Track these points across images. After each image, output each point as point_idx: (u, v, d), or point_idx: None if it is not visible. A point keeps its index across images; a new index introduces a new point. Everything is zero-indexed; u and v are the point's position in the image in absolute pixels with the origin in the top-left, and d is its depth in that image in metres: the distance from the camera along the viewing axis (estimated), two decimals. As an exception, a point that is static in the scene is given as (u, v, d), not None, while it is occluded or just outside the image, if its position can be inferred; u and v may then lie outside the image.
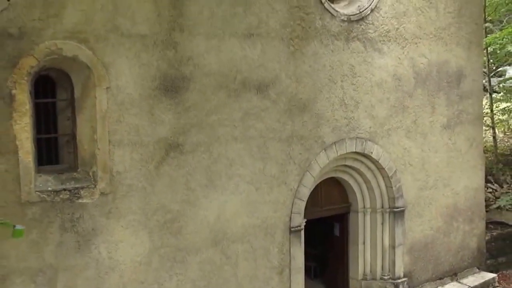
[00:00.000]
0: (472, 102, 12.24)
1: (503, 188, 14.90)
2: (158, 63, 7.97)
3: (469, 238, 12.55)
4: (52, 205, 7.25)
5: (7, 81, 6.81)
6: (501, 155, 15.95)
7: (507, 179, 15.12)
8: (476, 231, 12.68)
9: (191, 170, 8.39)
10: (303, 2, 9.44)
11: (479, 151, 12.56)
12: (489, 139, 16.55)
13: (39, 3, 6.98)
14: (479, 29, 12.45)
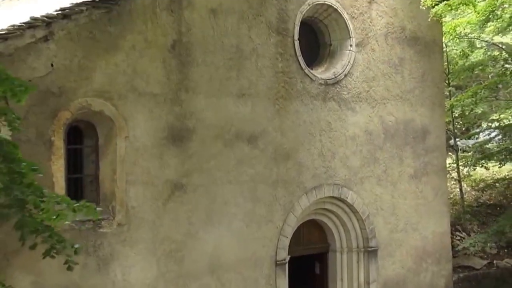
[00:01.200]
0: (437, 155, 14.25)
1: (470, 236, 16.77)
2: (167, 117, 9.92)
3: (437, 279, 14.28)
4: (79, 233, 8.99)
5: (48, 130, 8.68)
6: (468, 206, 17.89)
7: (473, 228, 17.01)
8: (444, 272, 14.43)
9: (192, 207, 10.20)
10: (286, 68, 11.53)
11: (444, 200, 14.48)
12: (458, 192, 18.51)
13: (74, 68, 8.93)
14: (441, 92, 14.63)
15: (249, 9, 11.05)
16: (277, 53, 11.41)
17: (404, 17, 13.61)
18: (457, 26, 14.81)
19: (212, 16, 10.52)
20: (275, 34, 11.38)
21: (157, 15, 9.85)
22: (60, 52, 8.80)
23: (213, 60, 10.52)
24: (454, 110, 18.10)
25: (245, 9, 11.00)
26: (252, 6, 11.08)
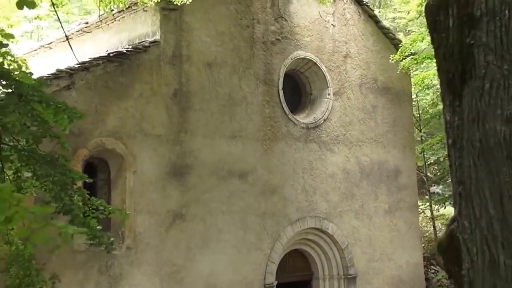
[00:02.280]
0: (409, 193, 15.62)
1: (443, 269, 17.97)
2: (169, 155, 11.29)
3: (412, 306, 15.44)
4: (93, 254, 10.21)
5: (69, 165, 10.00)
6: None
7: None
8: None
9: (191, 234, 11.45)
10: (272, 114, 13.00)
11: (416, 233, 15.78)
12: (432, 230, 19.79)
13: (92, 112, 10.33)
14: (411, 136, 16.13)
15: (240, 63, 12.58)
16: (264, 100, 12.90)
17: (376, 69, 15.21)
18: (425, 78, 16.43)
19: (207, 69, 12.04)
20: (262, 84, 12.90)
21: (161, 68, 11.35)
22: (80, 98, 10.22)
23: (208, 107, 11.98)
24: (427, 155, 19.57)
25: (236, 63, 12.53)
26: (242, 60, 12.62)
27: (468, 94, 3.96)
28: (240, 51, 12.60)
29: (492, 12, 3.80)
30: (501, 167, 3.78)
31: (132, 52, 10.93)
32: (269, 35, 13.12)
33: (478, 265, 3.96)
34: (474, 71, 3.88)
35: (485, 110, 3.82)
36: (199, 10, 11.95)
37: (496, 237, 3.82)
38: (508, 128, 3.77)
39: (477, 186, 3.93)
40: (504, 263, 3.77)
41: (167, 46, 11.46)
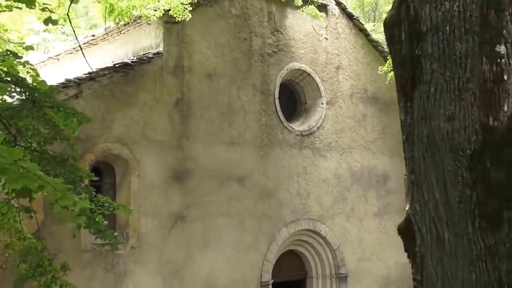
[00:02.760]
0: (397, 197, 16.07)
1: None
2: (171, 160, 11.71)
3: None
4: (99, 253, 10.62)
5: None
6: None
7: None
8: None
9: (191, 235, 11.86)
10: (269, 122, 13.45)
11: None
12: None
13: (98, 119, 10.76)
14: (399, 143, 16.55)
15: (238, 74, 13.04)
16: (261, 109, 13.35)
17: (366, 80, 15.69)
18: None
19: (208, 79, 12.49)
20: (259, 94, 13.35)
21: (164, 78, 11.80)
22: (87, 106, 10.63)
23: (208, 115, 12.42)
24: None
25: (234, 74, 12.99)
26: (240, 71, 13.08)
27: (418, 97, 4.48)
28: (239, 62, 13.06)
29: (436, 28, 4.33)
30: (445, 158, 4.30)
31: (137, 63, 11.38)
32: (266, 48, 13.59)
33: (427, 242, 4.48)
34: (422, 77, 4.40)
35: (431, 110, 4.34)
36: (200, 23, 12.41)
37: (441, 217, 4.35)
38: (450, 125, 4.30)
39: (425, 175, 4.45)
40: (448, 239, 4.30)
41: (170, 58, 11.91)
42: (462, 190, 4.21)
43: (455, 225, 4.26)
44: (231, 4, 13.00)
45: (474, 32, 4.44)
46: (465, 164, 4.20)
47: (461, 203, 4.23)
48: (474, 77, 4.35)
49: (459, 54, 4.37)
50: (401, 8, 4.68)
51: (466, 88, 4.31)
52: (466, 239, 4.20)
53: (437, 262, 4.45)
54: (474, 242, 4.17)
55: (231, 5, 12.99)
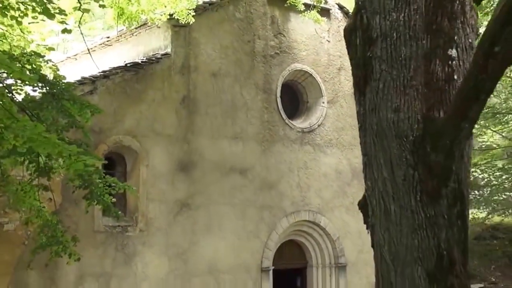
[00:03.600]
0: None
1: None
2: (178, 152, 12.75)
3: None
4: (111, 234, 11.68)
5: (91, 157, 11.51)
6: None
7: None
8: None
9: (195, 221, 12.86)
10: (271, 118, 14.42)
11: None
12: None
13: (111, 114, 11.84)
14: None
15: (242, 73, 14.04)
16: (263, 107, 14.33)
17: (367, 81, 16.53)
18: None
19: (212, 78, 13.52)
20: (262, 93, 14.33)
21: (171, 77, 12.85)
22: (101, 102, 11.70)
23: (213, 111, 13.43)
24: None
25: (238, 73, 13.99)
26: (244, 71, 14.08)
27: (369, 92, 5.46)
28: (242, 63, 14.07)
29: (384, 35, 5.30)
30: (391, 143, 5.26)
31: (146, 62, 12.46)
32: (269, 49, 14.58)
33: (377, 213, 5.43)
34: (373, 76, 5.37)
35: (380, 103, 5.31)
36: (206, 27, 13.46)
37: (389, 192, 5.29)
38: (396, 116, 5.26)
39: (375, 157, 5.41)
40: (394, 211, 5.24)
41: (177, 58, 12.96)
42: (406, 170, 5.18)
43: (400, 199, 5.21)
44: (235, 9, 14.02)
45: (417, 38, 5.42)
46: (408, 148, 5.16)
47: (405, 181, 5.19)
48: (417, 75, 5.33)
49: (404, 57, 5.36)
50: (357, 17, 5.69)
51: (410, 85, 5.29)
52: (410, 211, 5.15)
53: (384, 230, 5.42)
54: (417, 213, 5.12)
55: (235, 9, 14.02)
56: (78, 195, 9.08)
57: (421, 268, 4.92)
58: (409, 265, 4.96)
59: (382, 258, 5.20)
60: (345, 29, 5.77)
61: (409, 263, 4.96)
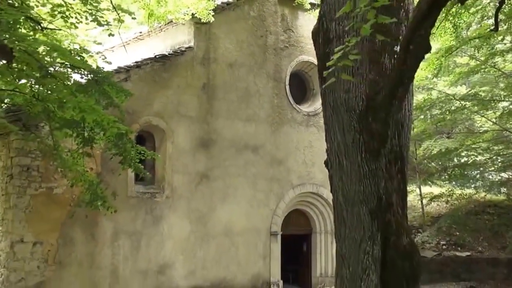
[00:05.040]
0: (393, 170, 18.24)
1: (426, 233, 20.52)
2: (199, 131, 14.35)
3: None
4: (142, 199, 13.36)
5: (125, 134, 13.16)
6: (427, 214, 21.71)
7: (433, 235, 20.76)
8: (399, 255, 18.19)
9: (213, 190, 14.48)
10: (280, 103, 15.92)
11: (399, 202, 18.37)
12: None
13: (142, 98, 13.46)
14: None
15: (255, 64, 15.55)
16: (274, 93, 15.83)
17: (367, 71, 17.92)
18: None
19: (229, 68, 15.06)
20: (272, 81, 15.84)
21: (194, 67, 14.43)
22: (134, 88, 13.30)
23: (229, 97, 14.98)
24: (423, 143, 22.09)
25: (252, 64, 15.51)
26: (257, 62, 15.59)
27: (327, 77, 6.90)
28: (255, 55, 15.58)
29: (338, 36, 6.78)
30: (343, 115, 6.76)
31: (173, 54, 14.05)
32: (279, 43, 16.06)
33: (333, 166, 6.95)
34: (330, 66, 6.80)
35: (334, 86, 6.80)
36: (224, 24, 14.98)
37: (342, 151, 6.81)
38: (346, 95, 6.76)
39: (332, 125, 6.93)
40: (345, 164, 6.75)
41: (199, 51, 14.52)
42: (354, 135, 6.68)
43: (350, 156, 6.73)
44: (250, 8, 15.51)
45: (363, 39, 6.87)
46: (355, 119, 6.67)
47: (353, 143, 6.71)
48: (363, 66, 6.79)
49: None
50: (319, 23, 7.19)
51: (357, 73, 6.78)
52: (357, 165, 6.67)
53: (339, 179, 6.95)
54: (362, 167, 6.63)
55: (250, 9, 15.51)
56: (114, 165, 10.72)
57: (365, 207, 6.42)
58: (356, 205, 6.47)
59: (337, 200, 6.72)
60: (312, 32, 7.26)
61: (356, 204, 6.47)
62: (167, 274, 13.55)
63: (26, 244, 11.72)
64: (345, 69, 6.74)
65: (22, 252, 11.66)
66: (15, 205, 11.66)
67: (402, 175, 6.76)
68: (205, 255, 14.23)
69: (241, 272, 14.79)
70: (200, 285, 14.02)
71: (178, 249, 13.80)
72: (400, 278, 6.49)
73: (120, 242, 12.98)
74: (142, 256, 13.23)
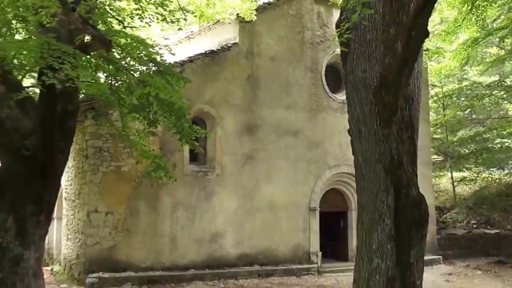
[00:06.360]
0: (423, 152, 19.25)
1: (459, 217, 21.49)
2: (244, 118, 15.84)
3: (425, 236, 19.11)
4: (196, 177, 14.95)
5: (181, 120, 14.76)
6: (458, 195, 22.61)
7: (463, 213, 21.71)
8: (430, 231, 19.13)
9: (258, 169, 15.95)
10: (317, 92, 17.26)
11: (429, 183, 19.44)
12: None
13: (195, 88, 15.00)
14: (426, 111, 19.76)
15: (294, 57, 16.95)
16: (311, 83, 17.19)
17: (398, 62, 19.05)
18: (442, 69, 20.08)
19: (271, 61, 16.50)
20: (310, 72, 17.20)
21: (239, 60, 15.93)
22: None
23: (271, 87, 16.42)
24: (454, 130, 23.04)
25: (291, 57, 16.91)
26: (295, 55, 16.98)
27: (348, 61, 8.28)
28: (294, 49, 16.97)
29: (356, 25, 8.05)
30: (361, 90, 8.12)
31: (220, 50, 15.59)
32: (315, 38, 17.41)
33: (354, 133, 8.25)
34: (349, 51, 8.17)
35: (354, 67, 8.15)
36: (265, 22, 16.42)
37: (360, 120, 8.16)
38: (363, 74, 8.10)
39: (352, 99, 8.29)
40: (364, 131, 8.08)
41: (243, 46, 16.02)
42: (370, 106, 8.03)
43: (367, 124, 8.08)
44: (288, 7, 16.92)
45: (377, 28, 8.20)
46: (371, 93, 8.02)
47: (370, 113, 8.05)
48: (376, 51, 8.10)
49: (368, 40, 8.17)
50: (341, 15, 8.50)
51: (372, 57, 8.10)
52: (373, 131, 8.01)
53: (358, 142, 8.31)
54: (377, 133, 7.98)
55: (288, 7, 16.92)
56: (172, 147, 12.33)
57: (380, 165, 7.75)
58: (373, 163, 7.80)
59: (358, 160, 8.07)
60: (336, 23, 8.61)
61: (373, 162, 7.80)
62: (219, 243, 15.13)
63: (99, 214, 13.47)
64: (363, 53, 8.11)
65: (97, 220, 13.42)
66: (90, 180, 13.43)
67: (412, 140, 8.06)
68: (251, 226, 15.73)
69: (283, 242, 16.23)
70: (247, 252, 15.54)
71: (228, 221, 15.34)
72: (410, 223, 7.80)
73: (178, 214, 14.61)
74: (197, 227, 14.84)
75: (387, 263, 7.63)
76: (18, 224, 7.27)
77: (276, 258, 16.03)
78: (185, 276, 14.10)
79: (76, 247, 13.95)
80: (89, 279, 12.86)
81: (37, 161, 7.29)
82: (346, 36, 8.01)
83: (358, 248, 8.11)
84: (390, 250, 7.66)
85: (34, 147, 7.24)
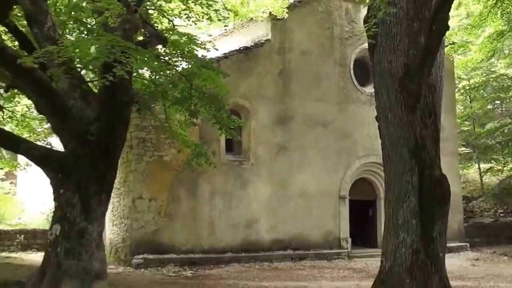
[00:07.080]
0: (449, 143, 19.78)
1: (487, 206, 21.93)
2: (277, 110, 16.64)
3: (452, 223, 19.60)
4: (231, 166, 15.82)
5: (217, 113, 15.66)
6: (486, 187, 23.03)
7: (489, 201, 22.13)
8: (457, 219, 19.75)
9: (291, 160, 16.74)
10: (345, 86, 17.95)
11: (456, 172, 19.93)
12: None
13: (230, 83, 15.72)
14: (453, 103, 20.26)
15: (323, 52, 17.66)
16: (340, 77, 17.89)
17: (424, 55, 19.61)
18: (468, 62, 20.56)
19: (302, 56, 17.25)
20: (339, 66, 17.90)
21: (271, 56, 16.73)
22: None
23: (302, 80, 17.18)
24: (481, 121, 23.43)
25: (321, 52, 17.63)
26: (325, 50, 17.69)
27: (376, 54, 9.03)
28: (324, 44, 17.69)
29: (382, 21, 8.79)
30: (388, 80, 8.87)
31: (254, 46, 16.42)
32: (344, 34, 18.09)
33: (382, 119, 8.96)
34: (377, 44, 8.93)
35: (381, 59, 8.89)
36: (296, 19, 17.17)
37: (387, 107, 8.86)
38: (389, 65, 8.85)
39: (379, 88, 9.04)
40: (389, 116, 8.76)
41: (275, 42, 16.81)
42: (395, 94, 8.78)
43: (393, 110, 8.83)
44: (318, 4, 17.64)
45: (401, 23, 8.90)
46: (396, 82, 8.76)
47: (395, 100, 8.80)
48: (401, 44, 8.83)
49: (393, 33, 8.92)
50: (368, 12, 9.24)
51: (397, 49, 8.84)
52: (398, 117, 8.76)
53: (385, 127, 9.05)
54: (402, 118, 8.73)
55: (318, 5, 17.64)
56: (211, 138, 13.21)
57: (405, 148, 8.48)
58: (398, 147, 8.54)
59: (384, 143, 8.81)
60: (364, 19, 9.34)
61: (398, 146, 8.54)
62: (254, 228, 15.99)
63: (144, 200, 14.46)
64: (389, 46, 8.84)
65: (141, 206, 14.40)
66: (135, 169, 14.42)
67: (435, 125, 8.77)
68: (284, 213, 16.53)
69: (315, 228, 17.00)
70: (281, 237, 16.37)
71: (262, 208, 16.18)
72: (433, 201, 8.52)
73: (215, 201, 15.50)
74: (233, 213, 15.72)
75: (412, 237, 8.37)
76: (83, 201, 8.23)
77: (308, 243, 16.80)
78: (223, 259, 15.00)
79: (122, 231, 14.97)
80: (135, 260, 13.86)
81: (100, 146, 8.24)
82: (373, 30, 8.75)
83: (385, 223, 8.87)
84: (415, 225, 8.39)
85: (98, 133, 8.19)
